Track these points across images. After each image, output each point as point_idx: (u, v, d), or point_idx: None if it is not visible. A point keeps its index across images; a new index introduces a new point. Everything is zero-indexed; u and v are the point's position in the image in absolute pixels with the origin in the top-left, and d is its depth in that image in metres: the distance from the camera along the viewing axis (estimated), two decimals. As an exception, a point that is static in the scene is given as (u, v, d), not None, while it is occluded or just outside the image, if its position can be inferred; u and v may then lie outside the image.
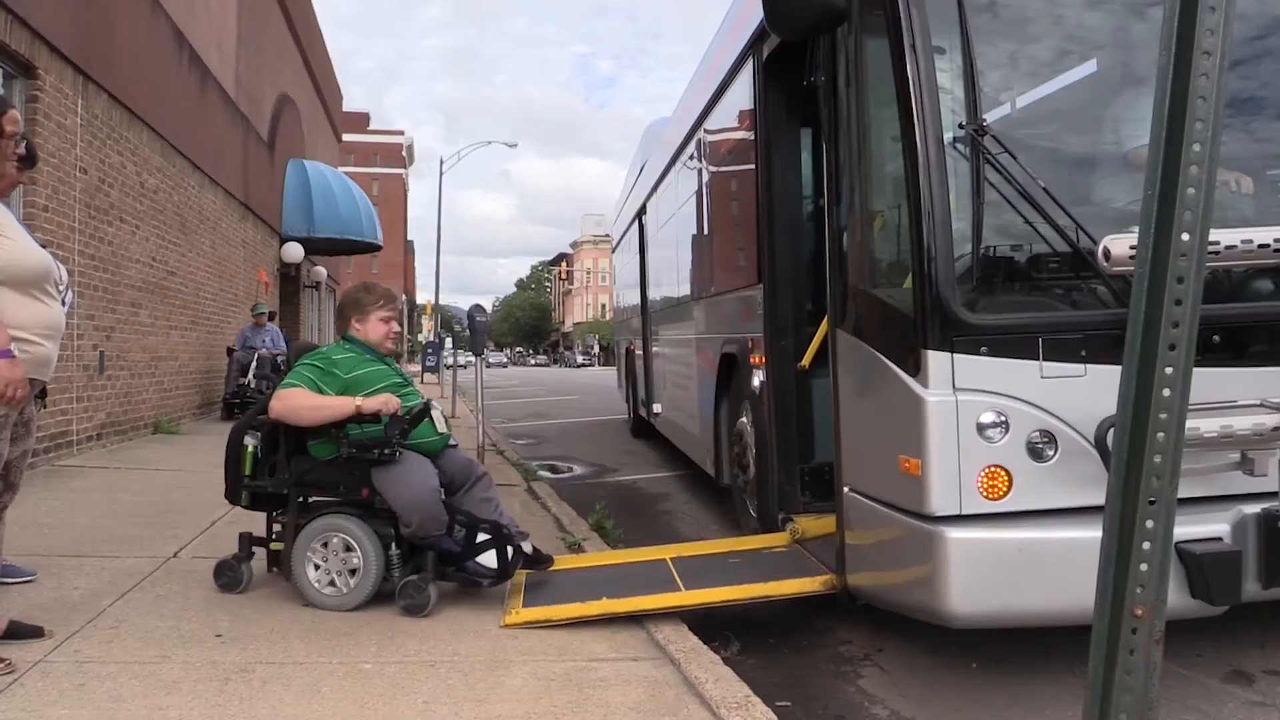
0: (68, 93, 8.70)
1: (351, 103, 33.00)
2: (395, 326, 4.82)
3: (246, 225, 16.66)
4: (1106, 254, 3.22)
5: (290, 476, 4.43)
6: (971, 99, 3.48)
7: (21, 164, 3.88)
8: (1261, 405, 3.30)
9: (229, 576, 4.47)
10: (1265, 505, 3.36)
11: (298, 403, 4.31)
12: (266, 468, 4.50)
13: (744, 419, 5.96)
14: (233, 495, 4.52)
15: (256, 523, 4.64)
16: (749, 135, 5.69)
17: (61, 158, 8.52)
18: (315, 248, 21.61)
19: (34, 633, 3.68)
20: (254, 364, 13.41)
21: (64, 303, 3.74)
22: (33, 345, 3.45)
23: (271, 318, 15.00)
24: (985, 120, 3.47)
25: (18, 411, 3.47)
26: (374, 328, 4.69)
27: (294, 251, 19.89)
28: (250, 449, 4.46)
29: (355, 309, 4.70)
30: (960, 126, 3.48)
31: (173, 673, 3.42)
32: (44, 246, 3.75)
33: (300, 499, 4.47)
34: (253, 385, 13.27)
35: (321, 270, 24.54)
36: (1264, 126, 3.87)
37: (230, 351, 13.81)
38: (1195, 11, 1.84)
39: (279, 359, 13.97)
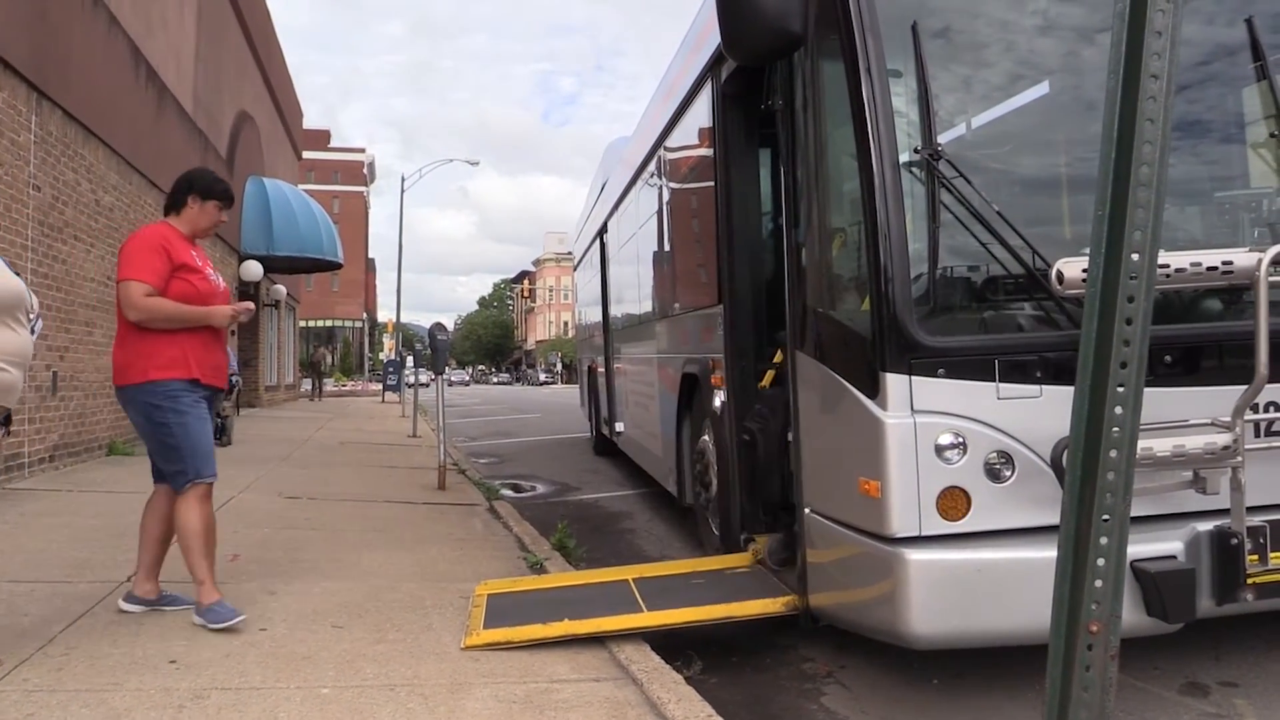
0: (21, 109, 8.57)
1: (307, 119, 32.71)
2: None
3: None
4: (1060, 277, 3.27)
5: None
6: (927, 122, 3.53)
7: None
8: (1212, 424, 3.36)
9: None
10: (1218, 523, 3.42)
11: None
12: None
13: (706, 438, 5.97)
14: None
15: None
16: (708, 156, 5.72)
17: (15, 175, 8.39)
18: (275, 266, 21.41)
19: None
20: None
21: (33, 331, 3.71)
22: None
23: None
24: (940, 144, 3.52)
25: None
26: None
27: (253, 269, 19.69)
28: None
29: None
30: (915, 150, 3.53)
31: (124, 700, 3.35)
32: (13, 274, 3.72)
33: None
34: None
35: (281, 289, 24.33)
36: (1210, 150, 3.96)
37: None
38: (1142, 35, 1.88)
39: (233, 378, 13.61)
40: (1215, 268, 3.24)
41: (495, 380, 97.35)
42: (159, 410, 4.20)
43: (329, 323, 72.56)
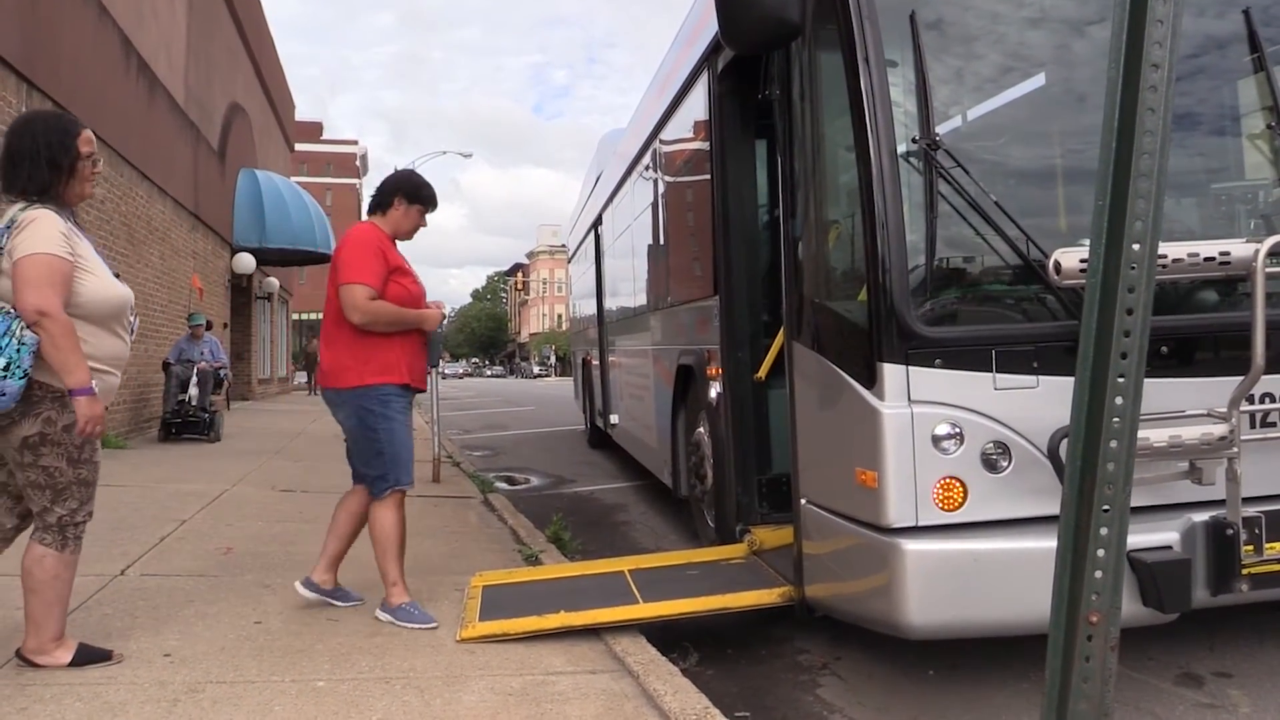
0: (11, 100, 8.51)
1: (297, 112, 32.65)
2: None
3: (196, 236, 16.41)
4: (1057, 267, 3.26)
5: None
6: (924, 112, 3.52)
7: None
8: (1208, 415, 3.36)
9: None
10: (1213, 513, 3.42)
11: None
12: None
13: (701, 430, 5.97)
14: None
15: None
16: (704, 147, 5.70)
17: (4, 167, 8.32)
18: (267, 258, 21.36)
19: None
20: (194, 379, 12.41)
21: (131, 331, 3.74)
22: (106, 376, 3.51)
23: (209, 327, 13.83)
24: (938, 134, 3.51)
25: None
26: None
27: (245, 262, 19.65)
28: None
29: None
30: (913, 140, 3.52)
31: (119, 694, 3.34)
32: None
33: None
34: (195, 402, 12.37)
35: (274, 281, 24.27)
36: (1207, 142, 3.95)
37: (167, 366, 12.62)
38: (1143, 24, 1.87)
39: (221, 372, 13.19)
40: (1212, 258, 3.24)
41: (489, 373, 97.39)
42: (371, 415, 4.26)
43: (322, 315, 72.38)
